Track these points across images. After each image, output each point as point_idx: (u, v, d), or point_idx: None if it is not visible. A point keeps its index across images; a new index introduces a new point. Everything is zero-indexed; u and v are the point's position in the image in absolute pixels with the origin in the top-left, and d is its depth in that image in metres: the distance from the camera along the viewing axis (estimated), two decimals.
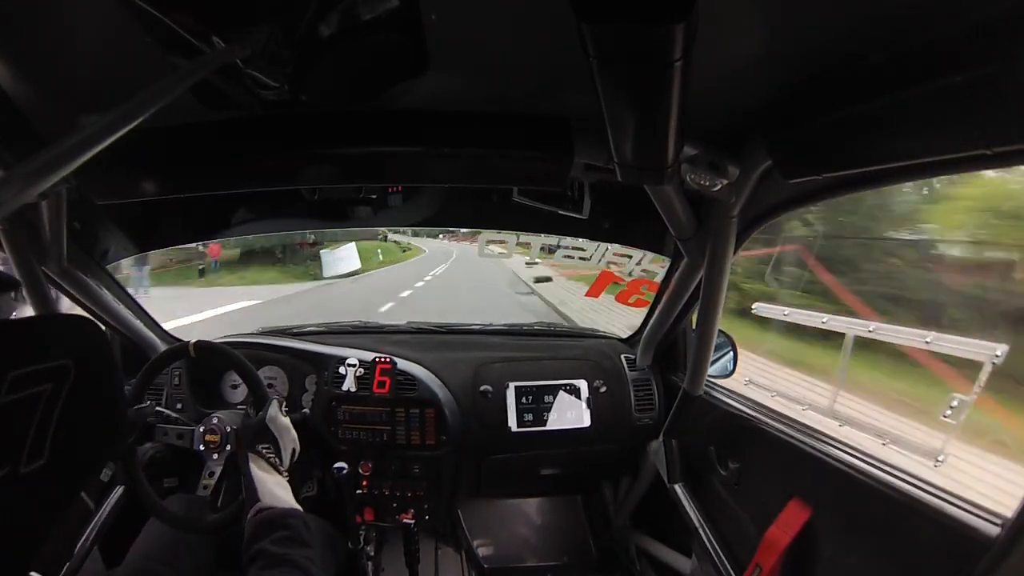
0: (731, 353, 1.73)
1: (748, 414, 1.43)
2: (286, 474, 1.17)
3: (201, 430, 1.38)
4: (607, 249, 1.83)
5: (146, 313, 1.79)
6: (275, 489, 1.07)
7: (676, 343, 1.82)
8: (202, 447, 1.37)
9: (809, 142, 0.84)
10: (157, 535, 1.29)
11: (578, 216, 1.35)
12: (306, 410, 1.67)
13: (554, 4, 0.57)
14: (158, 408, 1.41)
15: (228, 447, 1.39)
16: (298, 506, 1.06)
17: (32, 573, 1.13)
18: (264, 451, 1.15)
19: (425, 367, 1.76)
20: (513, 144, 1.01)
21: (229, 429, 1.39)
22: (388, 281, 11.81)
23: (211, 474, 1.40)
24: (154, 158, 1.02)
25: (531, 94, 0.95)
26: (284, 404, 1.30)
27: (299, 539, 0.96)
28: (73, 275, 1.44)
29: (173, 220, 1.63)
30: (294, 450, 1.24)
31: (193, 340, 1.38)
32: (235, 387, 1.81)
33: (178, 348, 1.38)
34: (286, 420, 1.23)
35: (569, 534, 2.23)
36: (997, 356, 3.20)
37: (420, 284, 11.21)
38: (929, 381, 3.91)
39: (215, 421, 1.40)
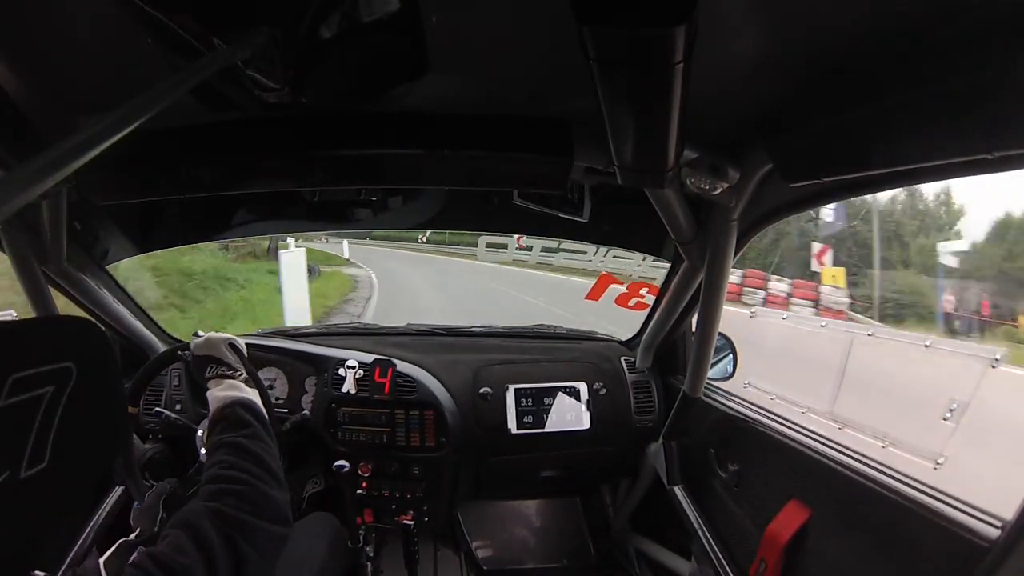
0: (731, 355, 1.74)
1: (747, 416, 1.43)
2: (240, 374, 1.12)
3: (200, 433, 1.37)
4: (607, 252, 1.83)
5: (146, 314, 1.79)
6: (220, 394, 1.04)
7: (676, 345, 1.81)
8: (203, 450, 1.36)
9: (810, 146, 0.83)
10: None
11: (578, 219, 1.35)
12: (306, 411, 1.67)
13: (554, 6, 0.57)
14: (157, 409, 1.40)
15: None
16: (246, 396, 1.03)
17: (36, 572, 1.13)
18: (215, 372, 1.11)
19: (425, 369, 1.75)
20: (513, 146, 1.01)
21: None
22: None
23: None
24: (154, 159, 1.02)
25: (531, 96, 0.95)
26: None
27: (239, 422, 0.93)
28: (73, 276, 1.44)
29: (173, 221, 1.63)
30: (235, 346, 1.16)
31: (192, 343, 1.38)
32: None
33: (175, 350, 1.37)
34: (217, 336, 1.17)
35: (568, 536, 2.23)
36: (996, 359, 3.22)
37: None
38: None
39: None
